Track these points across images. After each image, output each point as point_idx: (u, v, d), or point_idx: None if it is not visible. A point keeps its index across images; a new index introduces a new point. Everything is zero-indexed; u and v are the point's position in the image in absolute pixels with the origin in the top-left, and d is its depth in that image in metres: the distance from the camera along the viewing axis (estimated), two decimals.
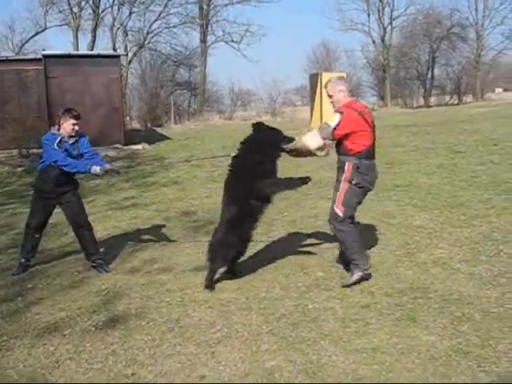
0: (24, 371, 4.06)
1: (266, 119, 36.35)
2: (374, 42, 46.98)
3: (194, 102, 44.01)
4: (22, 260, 6.52)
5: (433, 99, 44.95)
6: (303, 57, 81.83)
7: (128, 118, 33.72)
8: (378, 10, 45.74)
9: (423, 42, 44.98)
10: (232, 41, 42.85)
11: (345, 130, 5.28)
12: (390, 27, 45.75)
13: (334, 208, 5.49)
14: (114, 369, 4.01)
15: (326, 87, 5.61)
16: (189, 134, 23.97)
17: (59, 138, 6.12)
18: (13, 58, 21.85)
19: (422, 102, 44.16)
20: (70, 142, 6.19)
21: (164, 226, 8.42)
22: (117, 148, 18.78)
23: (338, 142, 5.45)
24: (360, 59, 54.44)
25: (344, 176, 5.42)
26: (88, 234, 6.45)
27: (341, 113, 5.33)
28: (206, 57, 42.32)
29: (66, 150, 6.11)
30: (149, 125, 32.71)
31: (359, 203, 5.64)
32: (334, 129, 5.27)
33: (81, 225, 6.42)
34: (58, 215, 6.76)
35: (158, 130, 27.79)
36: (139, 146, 19.52)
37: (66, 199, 6.32)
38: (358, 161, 5.35)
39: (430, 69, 45.93)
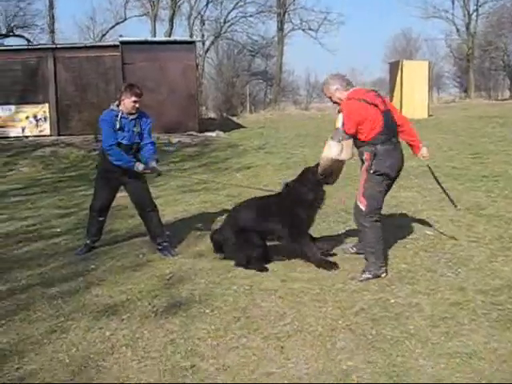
0: (76, 356, 3.73)
1: None
2: (457, 30, 45.03)
3: (269, 92, 43.73)
4: (88, 241, 6.29)
5: None
6: (381, 47, 79.89)
7: (204, 108, 33.83)
8: None
9: (511, 31, 42.65)
10: (309, 29, 42.16)
11: (352, 124, 4.98)
12: (475, 14, 43.64)
13: (357, 202, 5.09)
14: (171, 359, 3.61)
15: (323, 90, 5.49)
16: (263, 123, 23.60)
17: (119, 115, 5.83)
18: (91, 44, 22.20)
19: (507, 94, 42.04)
20: (130, 119, 5.89)
21: None
22: (191, 135, 18.62)
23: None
24: (442, 48, 52.59)
25: (364, 166, 5.08)
26: (153, 216, 6.13)
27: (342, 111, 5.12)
28: (283, 46, 41.81)
29: (120, 129, 5.81)
30: (224, 114, 32.63)
31: (385, 193, 5.20)
32: (343, 127, 5.02)
33: (145, 206, 6.11)
34: (128, 198, 6.47)
35: (233, 119, 27.58)
36: (213, 134, 19.32)
37: (130, 179, 6.02)
38: (373, 148, 4.98)
39: None
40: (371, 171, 4.98)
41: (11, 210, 9.12)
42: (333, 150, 5.01)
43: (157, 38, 26.94)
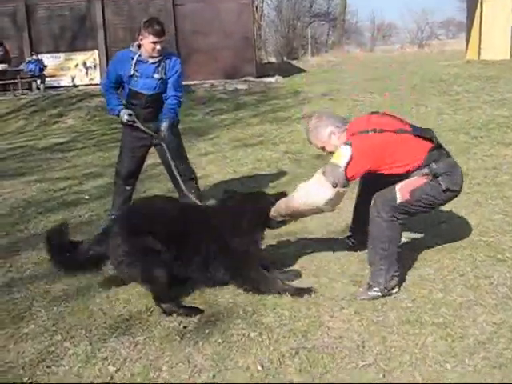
0: None
1: (411, 51, 33.30)
2: None
3: (332, 35, 41.48)
4: (112, 215, 5.14)
5: None
6: None
7: (264, 53, 32.29)
8: None
9: None
10: None
11: (365, 163, 3.44)
12: None
13: (394, 189, 3.46)
14: None
15: (310, 142, 3.84)
16: (326, 67, 21.84)
17: (135, 58, 4.56)
18: None
19: None
20: (150, 62, 4.61)
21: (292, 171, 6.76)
22: (247, 81, 17.18)
23: (380, 174, 3.55)
24: None
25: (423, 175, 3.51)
26: (189, 187, 4.87)
27: (349, 144, 3.43)
28: None
29: (134, 75, 4.62)
30: (285, 58, 30.91)
31: (427, 210, 3.63)
32: (346, 168, 3.36)
33: (178, 172, 4.85)
34: None
35: (294, 62, 25.85)
36: (272, 79, 17.82)
37: (161, 138, 4.77)
38: (427, 170, 3.46)
39: None
40: (442, 188, 3.42)
41: (44, 170, 8.16)
42: (322, 196, 3.37)
43: None
